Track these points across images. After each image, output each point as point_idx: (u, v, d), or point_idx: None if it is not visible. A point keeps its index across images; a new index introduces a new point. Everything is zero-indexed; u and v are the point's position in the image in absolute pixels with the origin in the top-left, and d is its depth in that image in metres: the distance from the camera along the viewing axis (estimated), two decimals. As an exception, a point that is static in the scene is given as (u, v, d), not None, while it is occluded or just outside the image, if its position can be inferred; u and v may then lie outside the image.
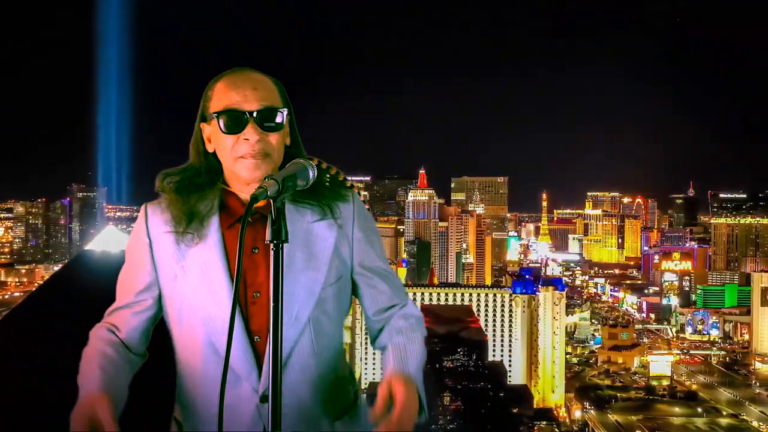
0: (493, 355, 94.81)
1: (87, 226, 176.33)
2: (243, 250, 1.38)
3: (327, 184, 1.79)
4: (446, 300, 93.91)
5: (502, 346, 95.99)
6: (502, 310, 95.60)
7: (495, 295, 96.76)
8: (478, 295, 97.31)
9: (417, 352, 1.77)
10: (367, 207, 1.86)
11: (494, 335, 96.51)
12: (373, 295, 1.85)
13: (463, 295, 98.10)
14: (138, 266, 1.78)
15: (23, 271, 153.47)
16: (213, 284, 1.69)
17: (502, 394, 67.62)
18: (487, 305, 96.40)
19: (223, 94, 1.69)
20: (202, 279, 1.69)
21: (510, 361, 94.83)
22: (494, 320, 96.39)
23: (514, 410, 64.43)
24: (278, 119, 1.69)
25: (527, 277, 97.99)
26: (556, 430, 79.39)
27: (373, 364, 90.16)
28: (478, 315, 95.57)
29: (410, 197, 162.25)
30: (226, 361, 1.37)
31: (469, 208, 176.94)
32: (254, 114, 1.65)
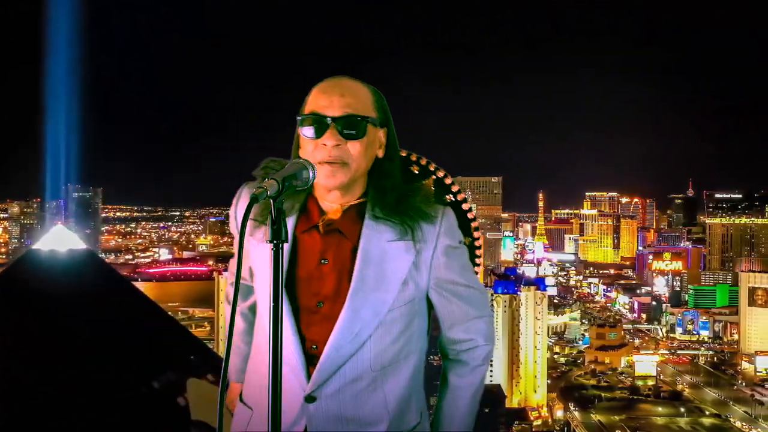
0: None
1: (83, 226, 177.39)
2: (243, 253, 1.37)
3: (416, 202, 1.74)
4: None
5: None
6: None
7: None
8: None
9: (466, 417, 1.84)
10: (472, 216, 1.81)
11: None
12: (447, 318, 1.81)
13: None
14: (234, 234, 1.81)
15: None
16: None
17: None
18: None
19: (312, 99, 1.70)
20: (266, 275, 1.67)
21: (491, 360, 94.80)
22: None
23: (486, 410, 64.80)
24: (361, 127, 1.67)
25: (511, 277, 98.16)
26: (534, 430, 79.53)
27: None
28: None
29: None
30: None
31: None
32: (335, 120, 1.65)
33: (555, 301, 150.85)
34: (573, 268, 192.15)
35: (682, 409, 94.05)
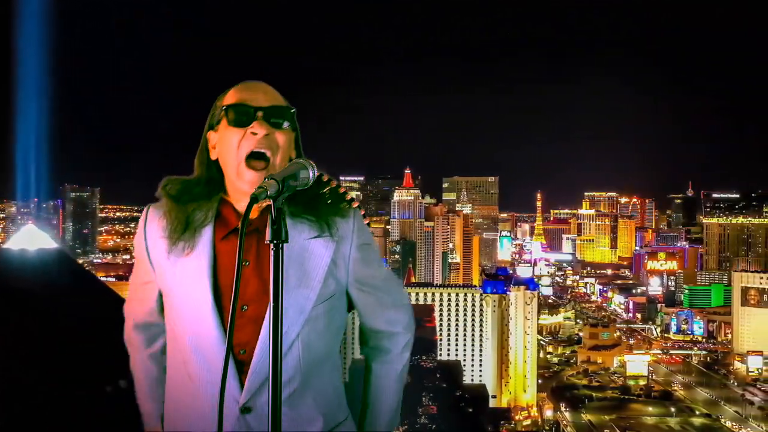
0: (456, 354, 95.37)
1: (80, 226, 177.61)
2: (242, 255, 1.37)
3: (328, 200, 1.79)
4: (416, 300, 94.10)
5: (472, 345, 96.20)
6: (473, 310, 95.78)
7: (465, 294, 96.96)
8: (449, 294, 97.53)
9: (391, 409, 1.91)
10: (366, 221, 1.86)
11: (464, 335, 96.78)
12: (368, 310, 1.87)
13: (433, 294, 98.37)
14: (141, 262, 1.83)
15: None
16: (198, 296, 1.69)
17: (458, 393, 67.92)
18: (457, 305, 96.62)
19: (233, 94, 1.72)
20: (189, 289, 1.70)
21: (481, 360, 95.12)
22: (464, 320, 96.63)
23: (470, 410, 64.79)
24: (287, 117, 1.72)
25: (500, 276, 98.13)
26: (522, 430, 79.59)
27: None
28: (448, 315, 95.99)
29: (396, 197, 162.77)
30: (224, 375, 1.41)
31: (457, 208, 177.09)
32: (263, 110, 1.68)
33: (550, 301, 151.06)
34: (570, 268, 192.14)
35: (673, 409, 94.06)
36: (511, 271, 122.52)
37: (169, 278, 1.76)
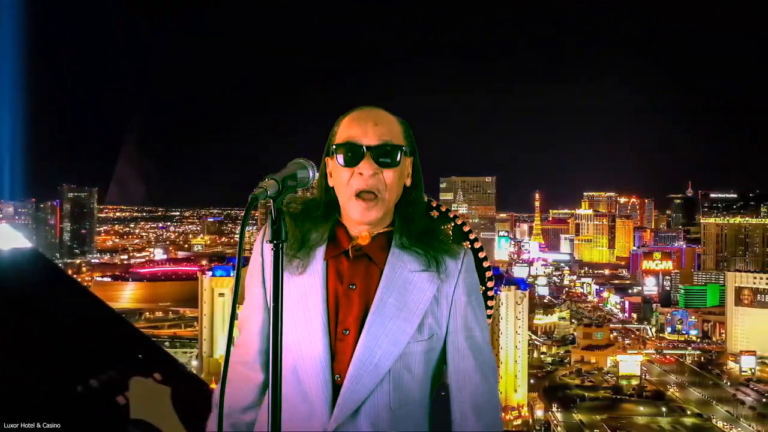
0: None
1: (78, 227, 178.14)
2: (242, 256, 1.35)
3: (444, 238, 1.75)
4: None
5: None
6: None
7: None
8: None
9: None
10: (487, 265, 1.87)
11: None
12: (456, 369, 1.75)
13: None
14: (253, 283, 1.80)
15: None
16: (308, 312, 1.68)
17: (443, 393, 67.92)
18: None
19: (345, 128, 1.70)
20: (298, 306, 1.68)
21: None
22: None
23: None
24: (395, 156, 1.68)
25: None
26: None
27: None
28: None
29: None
30: (222, 381, 1.41)
31: (453, 208, 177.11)
32: (371, 148, 1.66)
33: (546, 300, 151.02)
34: (567, 267, 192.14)
35: (664, 409, 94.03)
36: (506, 271, 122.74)
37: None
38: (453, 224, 1.88)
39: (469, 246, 2.05)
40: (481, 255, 1.89)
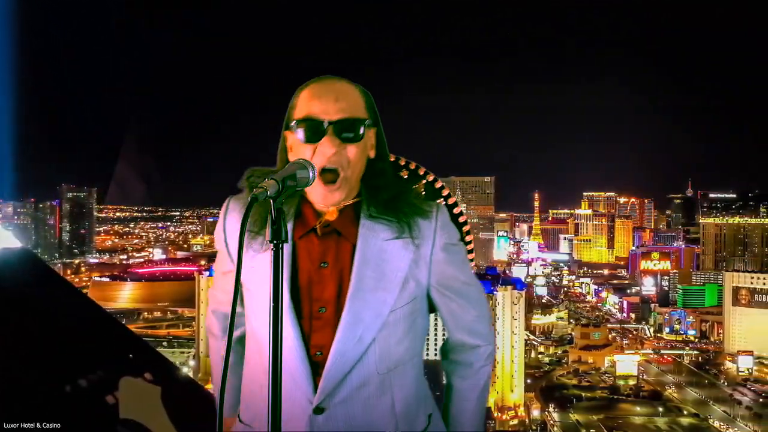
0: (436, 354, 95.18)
1: (77, 227, 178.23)
2: (242, 254, 1.35)
3: (413, 200, 1.74)
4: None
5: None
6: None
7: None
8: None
9: (474, 418, 1.85)
10: (463, 219, 1.86)
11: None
12: (450, 318, 1.81)
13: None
14: (221, 253, 1.83)
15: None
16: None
17: (438, 393, 67.96)
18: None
19: (305, 103, 1.66)
20: (266, 286, 1.62)
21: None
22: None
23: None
24: (358, 131, 1.65)
25: (488, 276, 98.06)
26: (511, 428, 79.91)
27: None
28: (436, 315, 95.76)
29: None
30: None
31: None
32: (333, 124, 1.62)
33: (544, 300, 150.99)
34: (566, 267, 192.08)
35: (661, 409, 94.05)
36: (504, 271, 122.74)
37: (246, 272, 1.72)
38: (425, 182, 1.84)
39: (443, 202, 2.00)
40: (456, 211, 1.87)
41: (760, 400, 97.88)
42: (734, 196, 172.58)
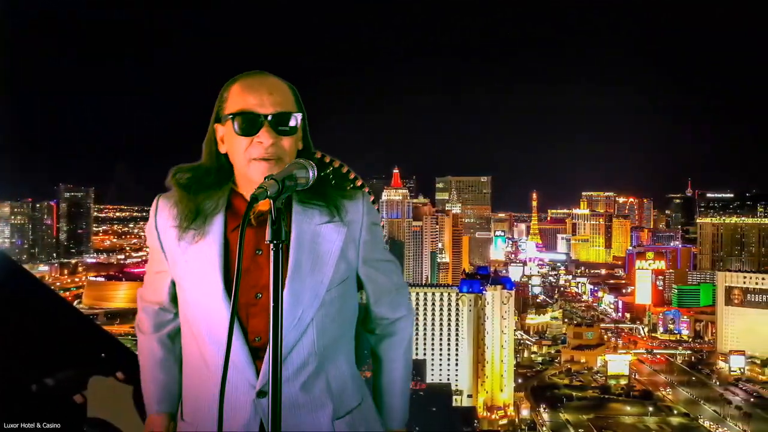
0: (432, 354, 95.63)
1: (75, 227, 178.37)
2: (243, 250, 1.40)
3: (332, 181, 1.87)
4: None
5: (448, 344, 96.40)
6: (448, 310, 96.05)
7: (441, 294, 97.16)
8: (425, 294, 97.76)
9: (403, 385, 1.99)
10: (376, 206, 1.93)
11: (440, 334, 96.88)
12: (374, 293, 1.93)
13: (408, 294, 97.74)
14: (154, 252, 1.88)
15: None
16: (210, 284, 1.72)
17: (421, 393, 68.16)
18: (433, 304, 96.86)
19: (238, 97, 1.72)
20: (200, 277, 1.73)
21: (457, 359, 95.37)
22: (440, 319, 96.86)
23: (433, 409, 64.94)
24: (292, 123, 1.72)
25: (477, 275, 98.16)
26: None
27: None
28: (424, 314, 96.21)
29: (384, 197, 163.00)
30: (225, 361, 1.39)
31: (447, 208, 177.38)
32: (269, 117, 1.69)
33: (539, 300, 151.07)
34: (564, 267, 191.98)
35: (651, 409, 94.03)
36: (495, 270, 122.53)
37: (180, 266, 1.78)
38: (332, 168, 1.90)
39: (353, 186, 2.13)
40: (366, 190, 1.92)
41: (751, 399, 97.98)
42: (731, 195, 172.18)
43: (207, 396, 1.75)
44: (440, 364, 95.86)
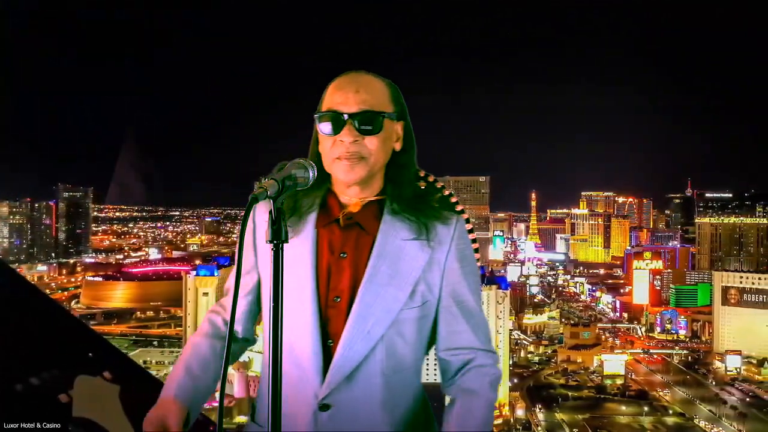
0: (426, 354, 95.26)
1: (74, 227, 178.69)
2: (242, 248, 1.38)
3: (435, 204, 1.77)
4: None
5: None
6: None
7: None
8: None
9: (482, 419, 1.67)
10: (472, 236, 1.86)
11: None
12: (450, 332, 1.75)
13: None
14: (245, 248, 1.82)
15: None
16: (299, 280, 1.70)
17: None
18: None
19: (328, 96, 1.72)
20: (288, 273, 1.64)
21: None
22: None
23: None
24: (377, 123, 1.68)
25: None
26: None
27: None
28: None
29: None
30: (226, 362, 1.37)
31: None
32: (352, 116, 1.66)
33: (537, 300, 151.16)
34: (562, 267, 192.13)
35: (646, 408, 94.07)
36: (490, 270, 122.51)
37: (262, 268, 1.79)
38: (440, 195, 1.85)
39: (455, 210, 2.05)
40: (468, 226, 1.84)
41: (747, 399, 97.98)
42: (730, 195, 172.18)
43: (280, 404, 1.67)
44: (435, 364, 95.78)
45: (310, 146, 1.79)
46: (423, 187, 1.99)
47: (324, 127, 1.69)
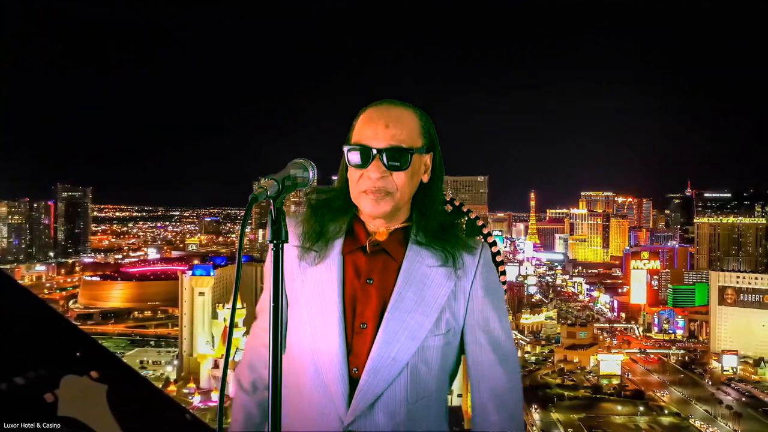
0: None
1: (73, 226, 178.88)
2: (242, 250, 1.34)
3: (461, 233, 1.77)
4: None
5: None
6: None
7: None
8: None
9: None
10: (500, 259, 1.87)
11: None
12: (474, 362, 1.76)
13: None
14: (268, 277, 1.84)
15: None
16: (325, 306, 1.70)
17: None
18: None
19: (359, 128, 1.71)
20: (315, 299, 1.71)
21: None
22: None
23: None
24: (405, 159, 1.67)
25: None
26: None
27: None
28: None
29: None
30: (223, 377, 1.33)
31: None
32: (381, 152, 1.66)
33: (534, 300, 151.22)
34: (561, 267, 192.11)
35: (642, 408, 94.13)
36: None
37: (297, 286, 1.76)
38: (467, 219, 1.87)
39: (482, 240, 2.06)
40: (495, 249, 1.88)
41: (743, 399, 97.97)
42: (729, 195, 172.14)
43: (298, 424, 1.67)
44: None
45: (339, 172, 1.78)
46: (449, 210, 1.96)
47: (353, 158, 1.68)
